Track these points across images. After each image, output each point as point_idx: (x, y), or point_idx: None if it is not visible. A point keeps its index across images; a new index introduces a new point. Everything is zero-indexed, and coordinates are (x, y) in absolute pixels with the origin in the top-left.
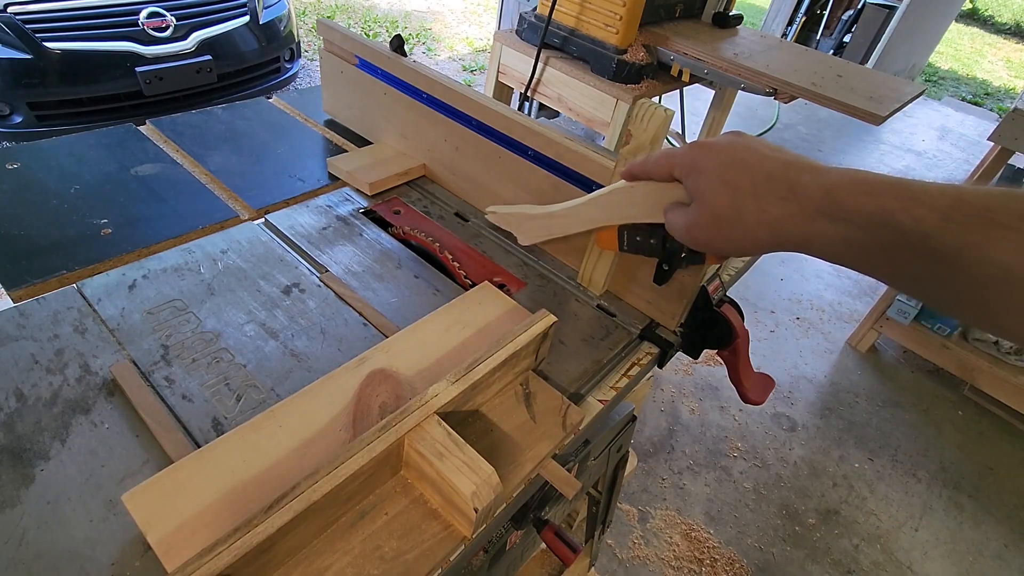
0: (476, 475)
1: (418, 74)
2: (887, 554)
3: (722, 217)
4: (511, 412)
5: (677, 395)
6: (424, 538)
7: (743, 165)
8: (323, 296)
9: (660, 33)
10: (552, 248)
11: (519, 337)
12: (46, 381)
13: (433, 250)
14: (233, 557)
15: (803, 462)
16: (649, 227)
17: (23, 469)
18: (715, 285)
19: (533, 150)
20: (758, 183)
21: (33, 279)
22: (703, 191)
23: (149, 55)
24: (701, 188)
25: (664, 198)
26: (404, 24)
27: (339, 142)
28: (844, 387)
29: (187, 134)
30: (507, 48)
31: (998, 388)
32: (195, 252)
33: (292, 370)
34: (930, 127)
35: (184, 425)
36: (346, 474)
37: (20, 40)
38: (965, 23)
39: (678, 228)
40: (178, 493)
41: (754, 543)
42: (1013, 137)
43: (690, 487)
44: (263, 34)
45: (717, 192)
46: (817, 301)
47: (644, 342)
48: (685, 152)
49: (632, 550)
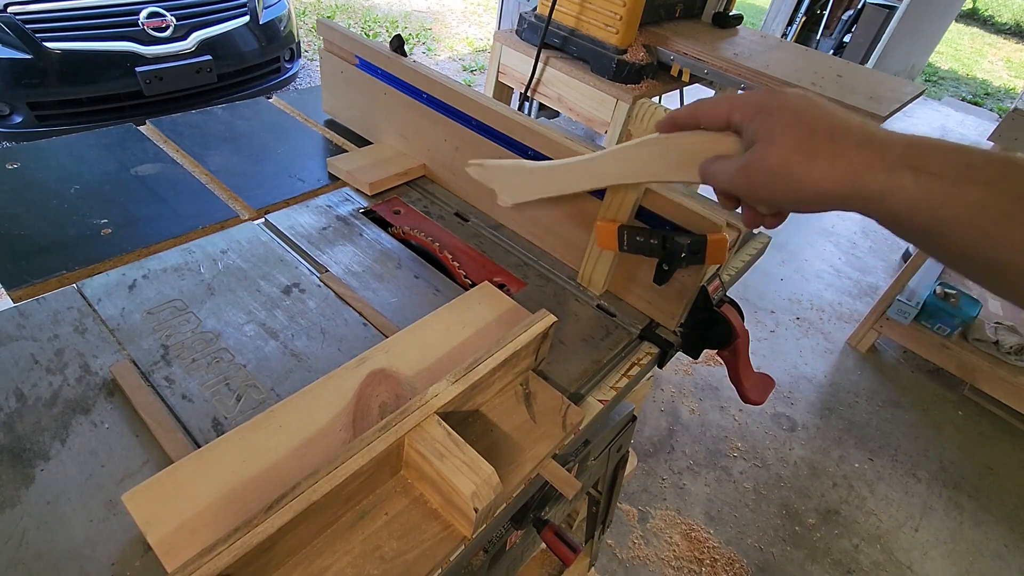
0: (476, 475)
1: (418, 74)
2: (887, 554)
3: (790, 160)
4: (511, 412)
5: (677, 395)
6: (424, 538)
7: (819, 111)
8: (323, 296)
9: (660, 33)
10: (551, 246)
11: (519, 337)
12: (46, 381)
13: (433, 250)
14: (233, 557)
15: (803, 462)
16: (649, 227)
17: (23, 469)
18: (715, 285)
19: (533, 150)
20: (836, 128)
21: (33, 279)
22: (773, 130)
23: (149, 55)
24: (771, 126)
25: (705, 151)
26: (404, 24)
27: (339, 142)
28: (844, 387)
29: (187, 134)
30: (507, 48)
31: (998, 388)
32: (195, 252)
33: (292, 370)
34: (930, 127)
35: (184, 425)
36: (346, 474)
37: (20, 40)
38: (965, 23)
39: (726, 173)
40: (178, 493)
41: (754, 543)
42: (1013, 137)
43: (690, 487)
44: (263, 34)
45: (789, 132)
46: (817, 301)
47: (644, 342)
48: (752, 94)
49: (632, 550)
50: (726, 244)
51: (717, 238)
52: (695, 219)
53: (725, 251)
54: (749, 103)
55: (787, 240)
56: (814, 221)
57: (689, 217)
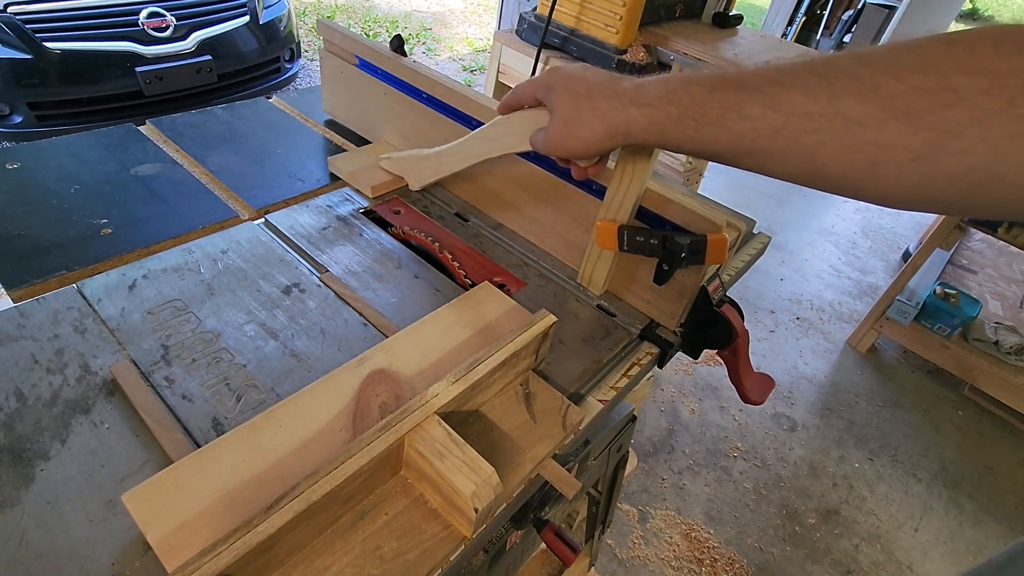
0: (476, 475)
1: (418, 74)
2: (887, 554)
3: (568, 119)
4: (511, 412)
5: (677, 395)
6: (424, 538)
7: (581, 78)
8: (323, 296)
9: (660, 33)
10: (551, 246)
11: (519, 337)
12: (46, 381)
13: (433, 250)
14: (233, 557)
15: (803, 462)
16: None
17: (23, 469)
18: (715, 285)
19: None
20: (591, 88)
21: (33, 279)
22: (554, 102)
23: (149, 55)
24: (553, 100)
25: (532, 125)
26: (404, 24)
27: (339, 142)
28: (844, 387)
29: (187, 134)
30: (507, 48)
31: (998, 388)
32: (195, 252)
33: (292, 370)
34: None
35: (184, 425)
36: (346, 474)
37: (20, 40)
38: (965, 23)
39: (541, 143)
40: (178, 493)
41: (754, 543)
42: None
43: (690, 487)
44: (263, 34)
45: (564, 100)
46: (817, 301)
47: (644, 342)
48: (543, 75)
49: (632, 550)
50: (726, 244)
51: (717, 238)
52: (695, 219)
53: (725, 251)
54: (541, 83)
55: (787, 240)
56: (814, 221)
57: (689, 217)
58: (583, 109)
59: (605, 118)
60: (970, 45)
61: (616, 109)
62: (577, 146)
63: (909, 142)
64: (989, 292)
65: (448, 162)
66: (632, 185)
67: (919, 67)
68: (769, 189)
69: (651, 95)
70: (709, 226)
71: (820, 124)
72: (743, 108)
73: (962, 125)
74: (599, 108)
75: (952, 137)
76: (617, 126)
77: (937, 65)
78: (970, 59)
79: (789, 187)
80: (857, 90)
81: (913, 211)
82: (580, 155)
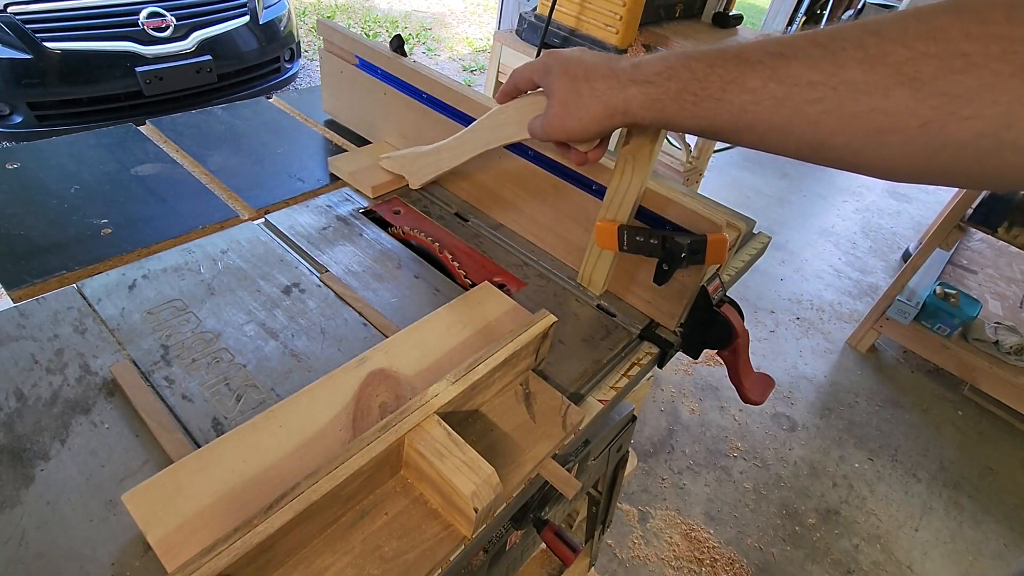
0: (476, 475)
1: (418, 74)
2: (887, 554)
3: (566, 102)
4: (511, 412)
5: (677, 395)
6: (424, 538)
7: (579, 60)
8: (323, 296)
9: (660, 33)
10: (551, 246)
11: (519, 337)
12: (46, 381)
13: (433, 250)
14: (233, 557)
15: (803, 462)
16: (649, 227)
17: (23, 469)
18: (715, 285)
19: (533, 150)
20: (589, 69)
21: (33, 279)
22: (552, 85)
23: (149, 55)
24: (551, 83)
25: (530, 112)
26: (404, 24)
27: (339, 142)
28: (844, 387)
29: (187, 134)
30: (507, 48)
31: (998, 388)
32: (195, 252)
33: (292, 370)
34: None
35: (184, 425)
36: (346, 474)
37: (20, 40)
38: None
39: (539, 128)
40: (178, 493)
41: (754, 543)
42: None
43: (690, 487)
44: (263, 34)
45: (562, 82)
46: (817, 301)
47: (644, 342)
48: (540, 58)
49: (632, 550)
50: (726, 244)
51: (717, 238)
52: (695, 219)
53: (725, 251)
54: (539, 65)
55: (787, 240)
56: (814, 221)
57: (689, 217)
58: (581, 91)
59: (603, 98)
60: (980, 12)
61: (614, 88)
62: (576, 128)
63: (917, 108)
64: (989, 292)
65: (447, 157)
66: (632, 185)
67: (927, 34)
68: (769, 189)
69: (649, 72)
70: (709, 226)
71: (824, 93)
72: (744, 81)
73: (972, 90)
74: (597, 89)
75: (962, 102)
76: (616, 105)
77: (946, 32)
78: (981, 27)
79: (789, 187)
80: (863, 58)
81: (916, 183)
82: (579, 137)
